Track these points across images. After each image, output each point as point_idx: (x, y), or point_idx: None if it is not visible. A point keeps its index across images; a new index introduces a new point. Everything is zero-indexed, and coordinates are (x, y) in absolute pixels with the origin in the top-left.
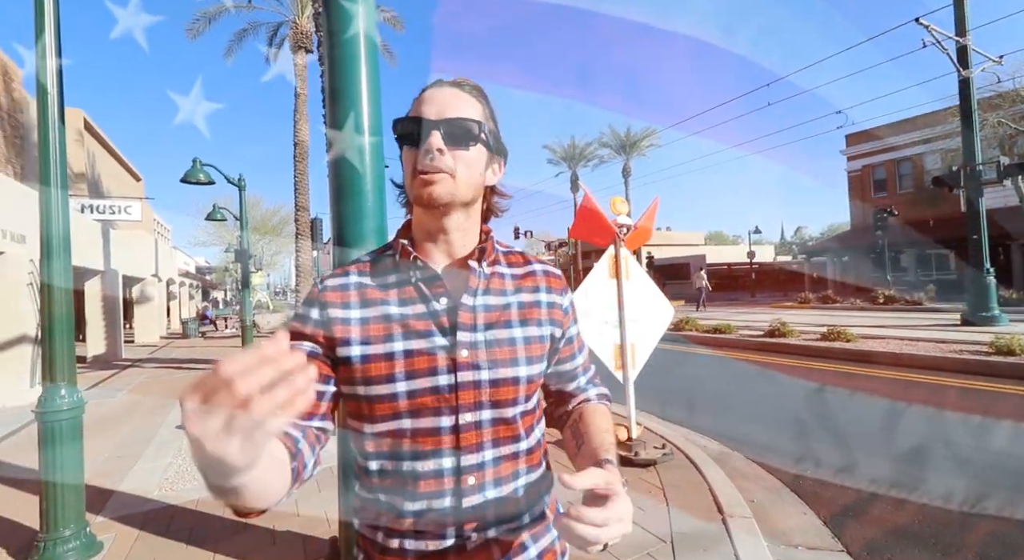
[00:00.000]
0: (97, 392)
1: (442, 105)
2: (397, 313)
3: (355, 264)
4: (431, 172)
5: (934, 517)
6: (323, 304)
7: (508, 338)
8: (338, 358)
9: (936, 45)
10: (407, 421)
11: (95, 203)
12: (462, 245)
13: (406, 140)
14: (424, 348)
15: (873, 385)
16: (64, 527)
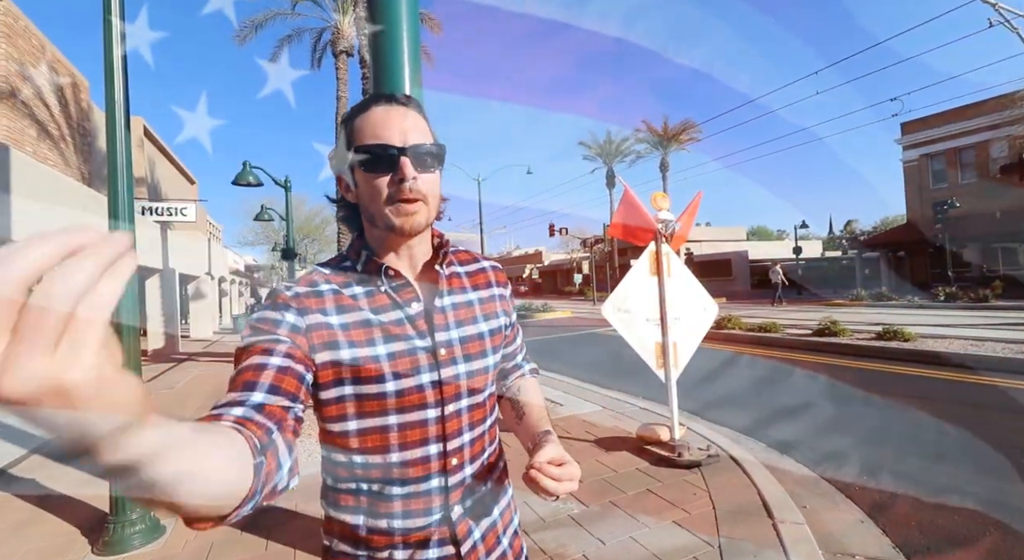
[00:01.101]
0: (158, 383)
1: (402, 129)
2: (375, 319)
3: (317, 274)
4: (410, 202)
5: (1003, 528)
6: (299, 310)
7: (477, 333)
8: (322, 362)
9: (1005, 24)
10: (393, 417)
11: (154, 206)
12: (421, 252)
13: (369, 166)
14: (406, 350)
15: (934, 388)
16: (131, 511)
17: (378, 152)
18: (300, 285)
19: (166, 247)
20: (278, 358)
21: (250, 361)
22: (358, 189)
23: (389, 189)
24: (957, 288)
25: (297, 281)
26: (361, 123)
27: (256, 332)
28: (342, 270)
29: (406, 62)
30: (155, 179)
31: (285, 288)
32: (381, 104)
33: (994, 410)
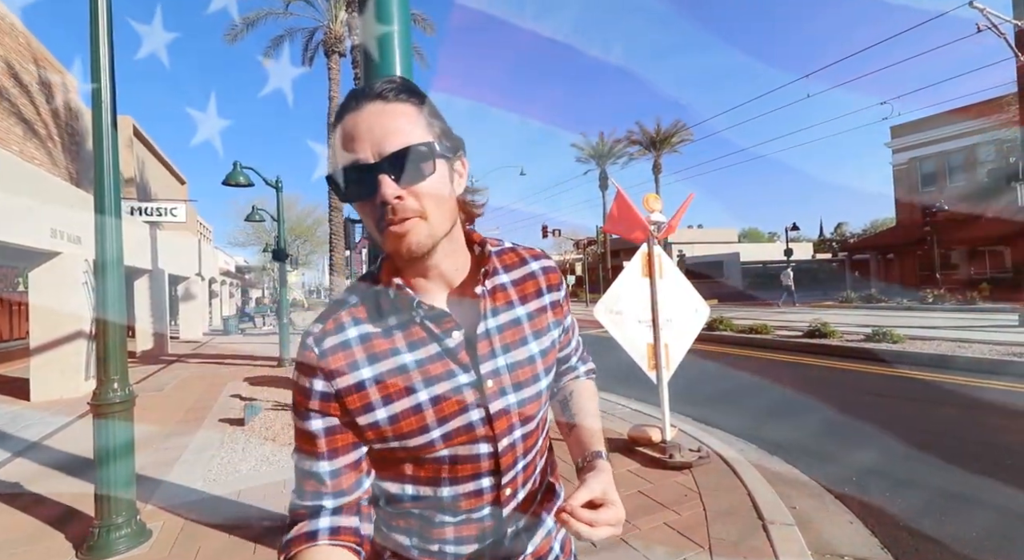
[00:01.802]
0: (145, 386)
1: (375, 135)
2: (411, 360)
3: (344, 311)
4: (398, 223)
5: (992, 528)
6: (327, 373)
7: (527, 357)
8: (363, 425)
9: (992, 29)
10: (446, 457)
11: (143, 206)
12: (455, 269)
13: (348, 193)
14: (449, 390)
15: (923, 389)
16: (116, 515)
17: (349, 176)
18: (327, 335)
19: (155, 247)
20: (326, 462)
21: (303, 463)
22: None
23: (375, 214)
24: (945, 290)
25: (325, 323)
26: (336, 137)
27: (297, 413)
28: (373, 298)
29: (397, 62)
30: (145, 179)
31: (314, 343)
32: (351, 108)
33: (980, 410)
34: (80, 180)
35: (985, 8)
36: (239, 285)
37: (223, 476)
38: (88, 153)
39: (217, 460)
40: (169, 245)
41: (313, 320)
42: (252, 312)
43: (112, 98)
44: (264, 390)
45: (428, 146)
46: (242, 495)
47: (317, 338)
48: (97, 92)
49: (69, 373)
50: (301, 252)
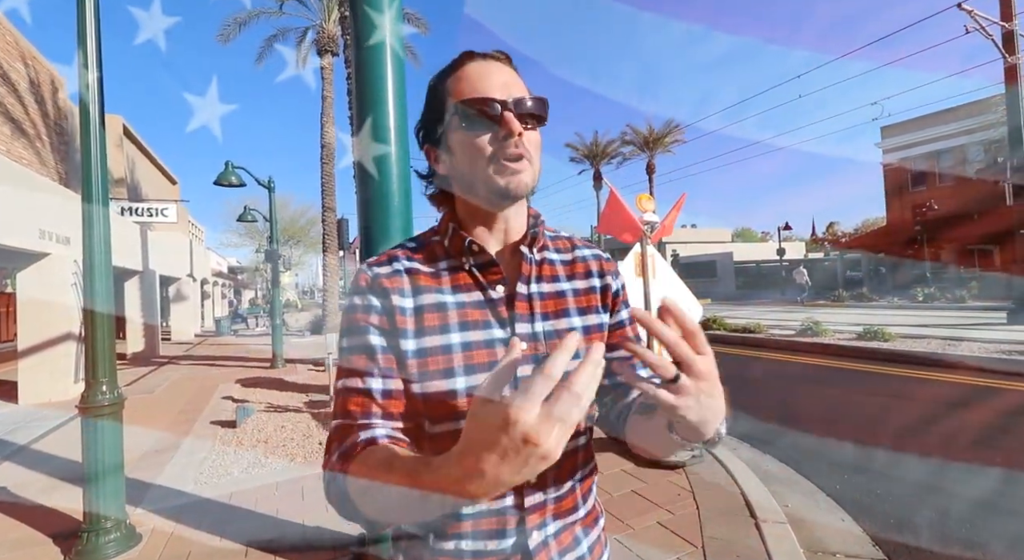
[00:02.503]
0: (135, 388)
1: (503, 79)
2: (452, 301)
3: (400, 249)
4: (517, 160)
5: (982, 526)
6: (382, 291)
7: (568, 328)
8: (401, 351)
9: (980, 31)
10: (464, 420)
11: (134, 206)
12: (515, 230)
13: (469, 123)
14: (482, 340)
15: (913, 387)
16: (105, 519)
17: (478, 107)
18: (380, 264)
19: (146, 248)
20: (379, 379)
21: (353, 382)
22: (453, 155)
23: (492, 147)
24: (935, 289)
25: (380, 256)
26: (454, 82)
27: (352, 331)
28: (429, 245)
29: (389, 65)
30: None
31: (367, 268)
32: (475, 60)
33: (969, 408)
34: (69, 180)
35: (973, 10)
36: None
37: (214, 479)
38: (78, 152)
39: (208, 463)
40: (160, 246)
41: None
42: (245, 313)
43: (100, 94)
44: (257, 392)
45: (543, 103)
46: (233, 498)
47: (370, 265)
48: (84, 88)
49: (58, 375)
50: (294, 253)
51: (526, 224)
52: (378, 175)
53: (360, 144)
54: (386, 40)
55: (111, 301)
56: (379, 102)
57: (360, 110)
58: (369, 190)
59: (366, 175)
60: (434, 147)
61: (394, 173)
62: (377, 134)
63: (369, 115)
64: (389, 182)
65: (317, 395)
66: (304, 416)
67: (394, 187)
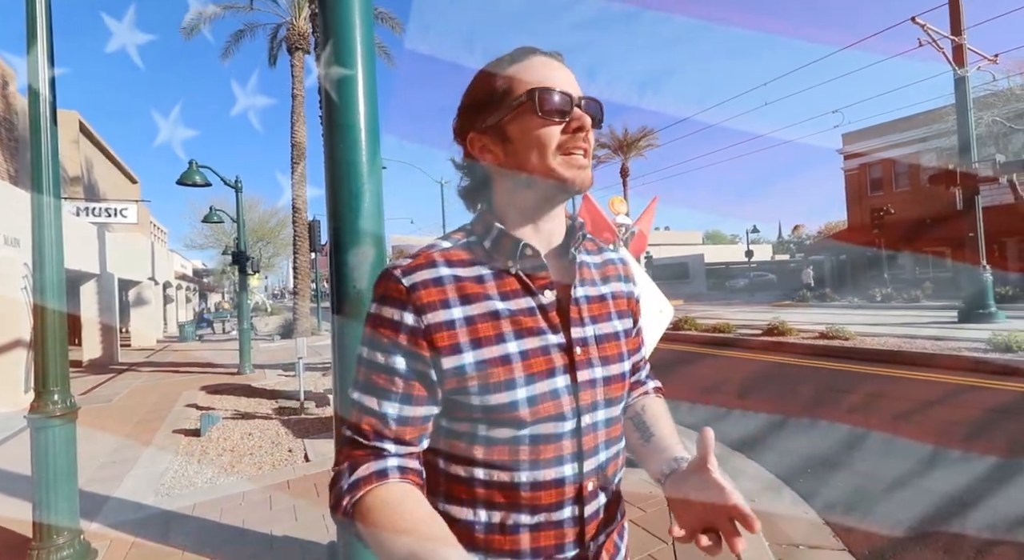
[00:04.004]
0: (92, 397)
1: (572, 80)
2: (504, 308)
3: (437, 252)
4: (584, 155)
5: (937, 515)
6: (417, 307)
7: (613, 332)
8: (447, 369)
9: (932, 44)
10: (527, 429)
11: (91, 206)
12: (557, 231)
13: (541, 110)
14: (539, 347)
15: (870, 383)
16: (57, 535)
17: (556, 97)
18: (417, 269)
19: (103, 250)
20: (396, 405)
21: (368, 400)
22: (512, 143)
23: (561, 138)
24: (892, 289)
25: (414, 259)
26: (523, 70)
27: (377, 346)
28: (466, 247)
29: (359, 62)
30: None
31: (401, 275)
32: (539, 54)
33: (926, 403)
34: (20, 179)
35: (926, 24)
36: (197, 289)
37: (176, 490)
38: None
39: (170, 474)
40: (119, 247)
41: (393, 262)
42: (211, 317)
43: (51, 87)
44: (223, 399)
45: (602, 107)
46: (197, 509)
47: (405, 271)
48: (35, 79)
49: (8, 386)
50: (263, 255)
51: (564, 225)
52: (347, 175)
53: (329, 141)
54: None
55: (63, 305)
56: (349, 100)
57: (329, 108)
58: (339, 190)
59: (335, 175)
60: (480, 136)
61: (364, 173)
62: (347, 130)
63: (339, 112)
64: (359, 183)
65: (287, 401)
66: (273, 423)
67: (365, 188)
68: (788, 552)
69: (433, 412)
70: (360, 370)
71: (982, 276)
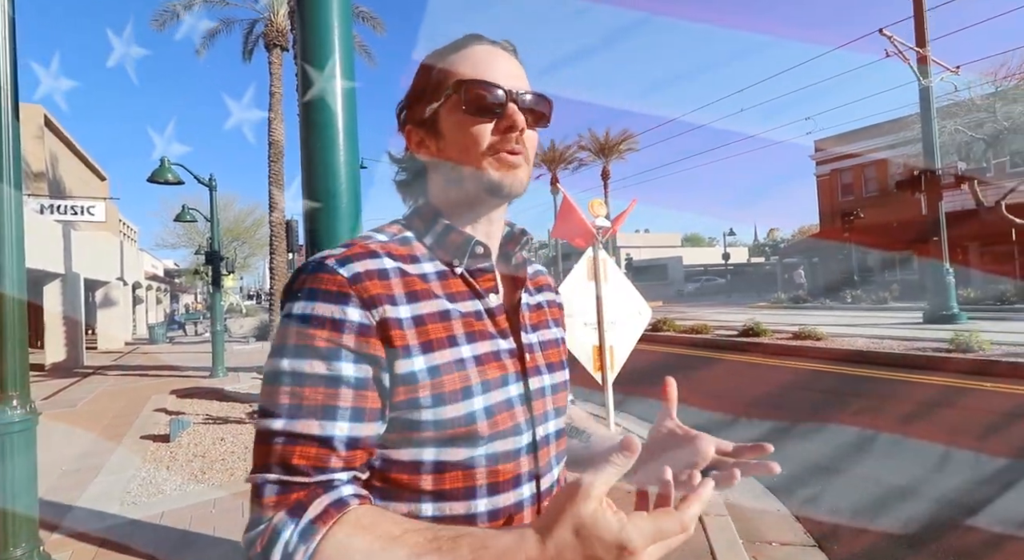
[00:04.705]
0: (55, 402)
1: (511, 71)
2: (454, 309)
3: (376, 243)
4: (516, 154)
5: (902, 509)
6: (364, 299)
7: (554, 339)
8: (396, 376)
9: (898, 55)
10: (483, 448)
11: (56, 203)
12: (498, 232)
13: (470, 107)
14: (491, 352)
15: (841, 382)
16: (15, 546)
17: (482, 91)
18: (356, 258)
19: (69, 249)
20: (346, 424)
21: (305, 423)
22: (443, 140)
23: (490, 138)
24: (861, 291)
25: (348, 248)
26: (457, 61)
27: (306, 355)
28: (404, 242)
29: (338, 59)
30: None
31: (337, 264)
32: (483, 43)
33: (894, 401)
34: None
35: (893, 36)
36: (168, 290)
37: (143, 498)
38: None
39: (137, 481)
40: (86, 247)
41: (320, 253)
42: (182, 319)
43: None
44: (194, 403)
45: (549, 102)
46: (165, 518)
47: (341, 260)
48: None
49: None
50: (239, 254)
51: (501, 229)
52: (325, 174)
53: (306, 140)
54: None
55: (23, 304)
56: (328, 97)
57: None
58: (315, 189)
59: (312, 174)
60: (417, 129)
61: (342, 173)
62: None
63: (317, 111)
64: (336, 182)
65: None
66: (246, 428)
67: (342, 187)
68: (761, 549)
69: (381, 432)
70: (282, 392)
71: (945, 278)
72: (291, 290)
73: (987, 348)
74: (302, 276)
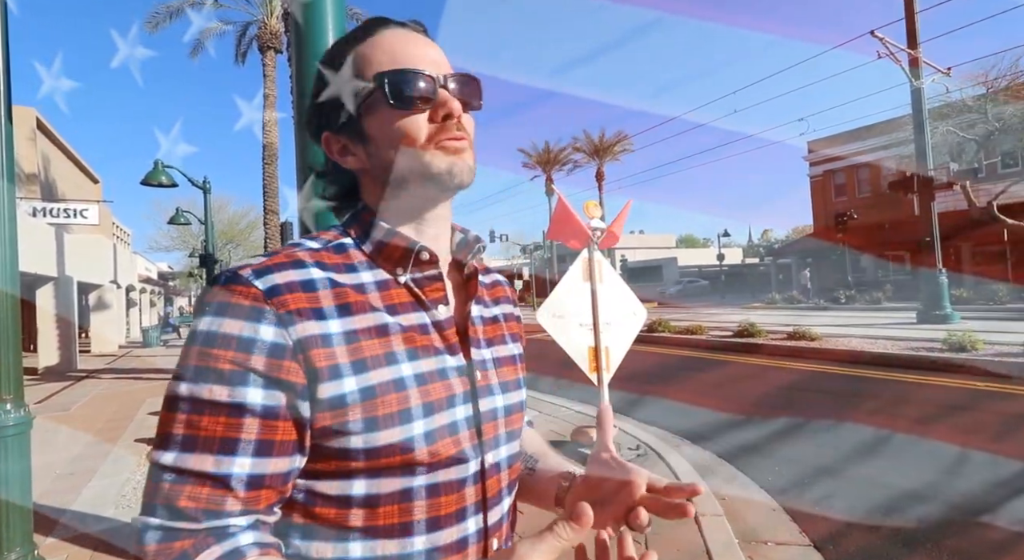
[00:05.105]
0: (48, 406)
1: (433, 55)
2: (393, 322)
3: (303, 250)
4: (459, 139)
5: (894, 508)
6: (280, 316)
7: (510, 355)
8: (322, 400)
9: (890, 56)
10: (423, 478)
11: (48, 206)
12: (443, 237)
13: (397, 99)
14: (435, 370)
15: (836, 382)
16: (9, 550)
17: (410, 82)
18: (276, 268)
19: (62, 252)
20: (249, 459)
21: (199, 457)
22: (372, 142)
23: (427, 129)
24: (855, 291)
25: (271, 257)
26: (368, 50)
27: (207, 379)
28: (339, 250)
29: None
30: (50, 177)
31: (253, 275)
32: (392, 27)
33: (886, 401)
34: None
35: (884, 38)
36: (162, 293)
37: (138, 501)
38: None
39: (132, 484)
40: (79, 250)
41: (238, 262)
42: (176, 322)
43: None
44: None
45: (479, 83)
46: None
47: (258, 270)
48: None
49: None
50: (233, 257)
51: (448, 232)
52: None
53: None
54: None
55: (16, 307)
56: None
57: (301, 105)
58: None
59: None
60: (338, 135)
61: None
62: None
63: None
64: None
65: None
66: None
67: None
68: (756, 549)
69: (297, 465)
70: (177, 421)
71: (938, 279)
72: (201, 304)
73: (980, 348)
74: (214, 288)
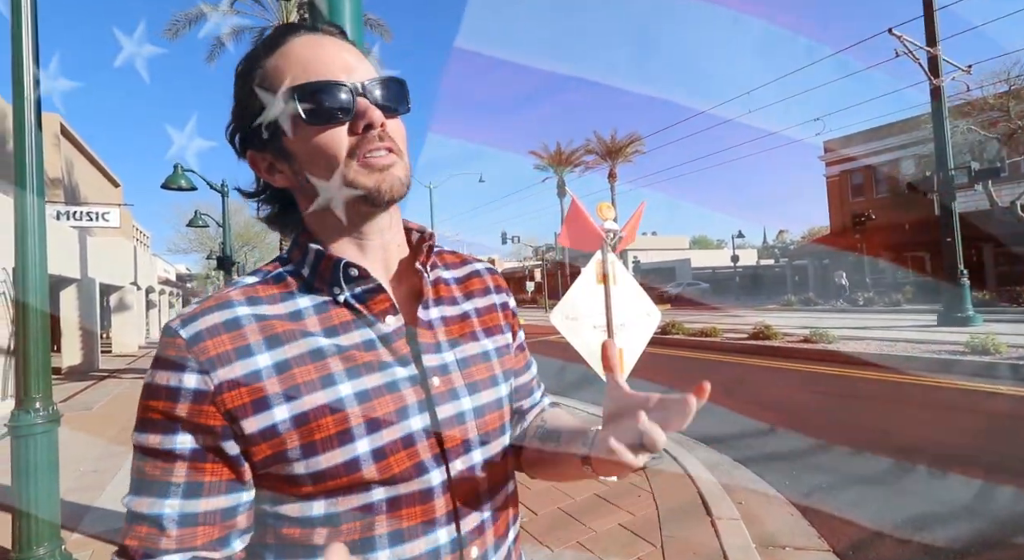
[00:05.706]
0: (71, 404)
1: (345, 60)
2: (329, 345)
3: (236, 289)
4: (384, 151)
5: (916, 513)
6: (201, 363)
7: (481, 352)
8: (251, 436)
9: (908, 55)
10: (379, 492)
11: (71, 210)
12: (395, 245)
13: (312, 115)
14: (382, 384)
15: (854, 386)
16: (38, 545)
17: (322, 94)
18: (203, 314)
19: (85, 254)
20: (177, 500)
21: (140, 501)
22: (295, 160)
23: (349, 142)
24: (874, 293)
25: (203, 303)
26: (279, 62)
27: (147, 426)
28: (278, 280)
29: None
30: (73, 181)
31: (180, 325)
32: (300, 34)
33: (906, 405)
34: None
35: (903, 36)
36: (180, 294)
37: None
38: (7, 153)
39: None
40: (101, 252)
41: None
42: None
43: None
44: None
45: (403, 85)
46: None
47: (186, 319)
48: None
49: None
50: (249, 259)
51: (403, 236)
52: None
53: None
54: None
55: (46, 310)
56: None
57: None
58: None
59: None
60: (262, 153)
61: None
62: None
63: None
64: None
65: None
66: None
67: None
68: (775, 554)
69: (243, 499)
70: (133, 467)
71: (959, 281)
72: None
73: (1004, 351)
74: (161, 339)
